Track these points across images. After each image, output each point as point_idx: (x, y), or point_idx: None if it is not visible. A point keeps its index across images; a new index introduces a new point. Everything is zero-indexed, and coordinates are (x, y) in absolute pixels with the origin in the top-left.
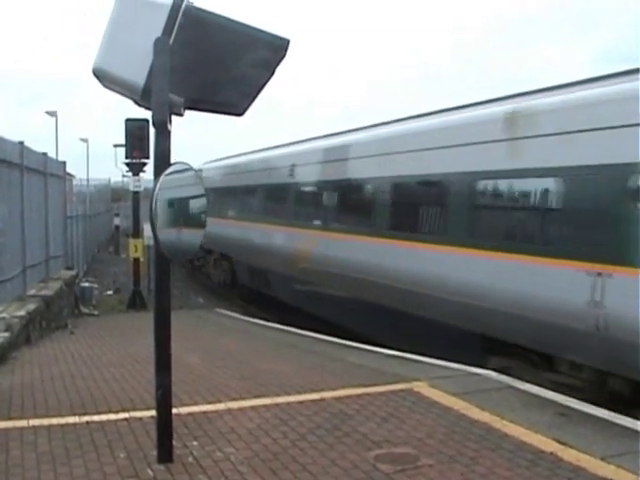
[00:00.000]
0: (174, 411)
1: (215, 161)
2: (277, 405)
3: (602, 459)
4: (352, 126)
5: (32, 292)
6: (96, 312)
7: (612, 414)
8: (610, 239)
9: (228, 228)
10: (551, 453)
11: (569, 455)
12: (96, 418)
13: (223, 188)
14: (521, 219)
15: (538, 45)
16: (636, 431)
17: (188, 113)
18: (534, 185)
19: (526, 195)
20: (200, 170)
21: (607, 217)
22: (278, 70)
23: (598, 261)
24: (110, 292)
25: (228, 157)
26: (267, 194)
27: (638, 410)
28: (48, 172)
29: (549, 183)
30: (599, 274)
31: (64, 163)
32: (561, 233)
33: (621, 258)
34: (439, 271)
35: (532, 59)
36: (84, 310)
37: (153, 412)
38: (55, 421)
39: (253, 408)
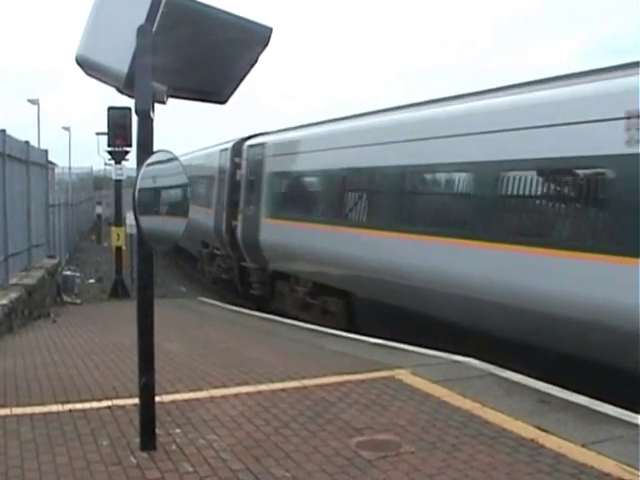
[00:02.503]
0: (157, 399)
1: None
2: (260, 393)
3: (583, 446)
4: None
5: (14, 281)
6: (78, 301)
7: (592, 401)
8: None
9: None
10: (532, 440)
11: (550, 442)
12: (79, 406)
13: None
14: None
15: (527, 40)
16: (616, 418)
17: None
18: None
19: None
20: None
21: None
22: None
23: (205, 205)
24: (92, 281)
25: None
26: None
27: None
28: (30, 160)
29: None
30: (208, 212)
31: (46, 151)
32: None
33: (209, 204)
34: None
35: (524, 54)
36: (66, 299)
37: (136, 400)
38: (38, 409)
39: (236, 396)
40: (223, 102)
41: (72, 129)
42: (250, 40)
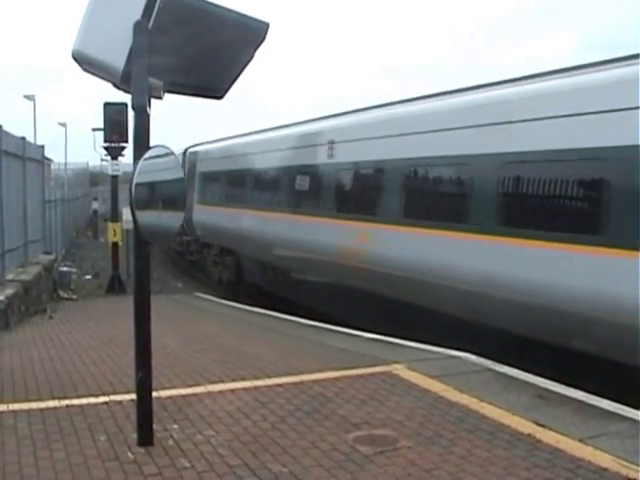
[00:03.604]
0: (154, 394)
1: None
2: (257, 388)
3: (580, 440)
4: None
5: (10, 277)
6: (75, 297)
7: (589, 396)
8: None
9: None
10: (529, 435)
11: (547, 437)
12: (76, 402)
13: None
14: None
15: (518, 39)
16: (612, 412)
17: None
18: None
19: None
20: None
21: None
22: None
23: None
24: (89, 276)
25: None
26: None
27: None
28: (26, 156)
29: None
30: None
31: (42, 147)
32: None
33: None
34: None
35: (515, 52)
36: (63, 295)
37: (133, 395)
38: (35, 405)
39: (233, 391)
40: (220, 97)
41: (68, 125)
42: (247, 36)
